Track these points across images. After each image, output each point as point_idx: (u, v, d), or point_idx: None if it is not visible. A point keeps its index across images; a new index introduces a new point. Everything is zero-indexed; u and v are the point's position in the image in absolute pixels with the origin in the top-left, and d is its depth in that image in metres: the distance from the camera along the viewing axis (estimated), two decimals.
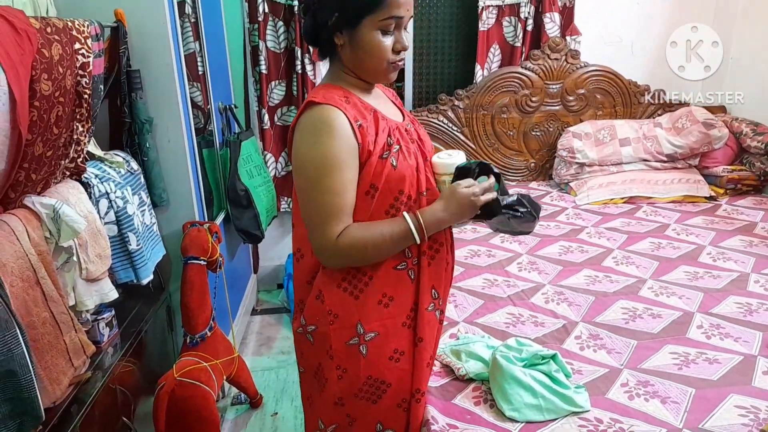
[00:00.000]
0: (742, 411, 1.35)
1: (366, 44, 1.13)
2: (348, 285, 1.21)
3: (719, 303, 1.89)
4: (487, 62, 3.34)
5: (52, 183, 1.57)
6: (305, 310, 1.27)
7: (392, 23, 1.12)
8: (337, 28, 1.13)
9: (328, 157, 1.10)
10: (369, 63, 1.16)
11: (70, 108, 1.53)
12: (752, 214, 2.76)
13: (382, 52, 1.13)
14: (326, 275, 1.22)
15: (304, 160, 1.13)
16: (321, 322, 1.24)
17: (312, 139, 1.11)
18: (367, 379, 1.24)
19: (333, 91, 1.16)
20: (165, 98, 2.02)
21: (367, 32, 1.12)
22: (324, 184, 1.11)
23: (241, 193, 2.72)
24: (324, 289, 1.22)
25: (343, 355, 1.23)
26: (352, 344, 1.22)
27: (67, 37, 1.48)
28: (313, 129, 1.11)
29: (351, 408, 1.28)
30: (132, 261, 1.83)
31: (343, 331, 1.22)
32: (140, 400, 1.89)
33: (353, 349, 1.22)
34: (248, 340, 3.04)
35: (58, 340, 1.43)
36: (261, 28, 3.03)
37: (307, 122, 1.13)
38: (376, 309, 1.21)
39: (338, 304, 1.21)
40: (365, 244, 1.13)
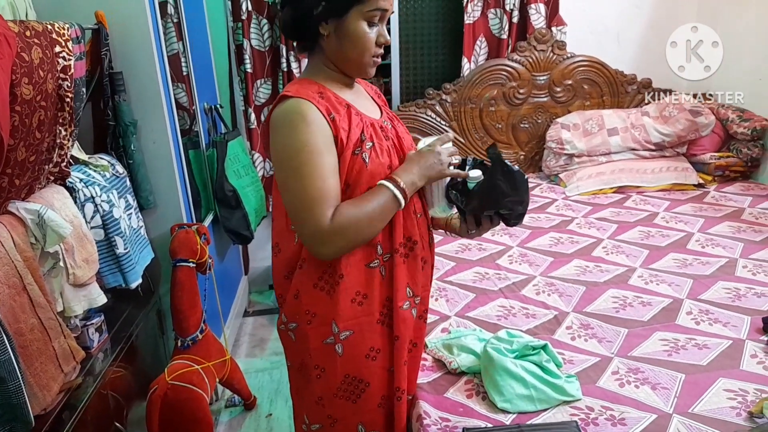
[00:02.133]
0: (730, 394, 1.36)
1: (352, 34, 1.13)
2: (324, 284, 1.19)
3: (708, 289, 1.90)
4: (474, 55, 3.34)
5: (37, 188, 1.56)
6: (285, 307, 1.25)
7: (378, 15, 1.12)
8: (323, 17, 1.12)
9: (306, 144, 1.09)
10: (353, 54, 1.15)
11: (52, 112, 1.51)
12: (740, 200, 2.78)
13: (367, 43, 1.14)
14: (303, 274, 1.20)
15: (283, 150, 1.11)
16: (300, 321, 1.23)
17: (287, 130, 1.10)
18: (345, 378, 1.22)
19: (307, 86, 1.15)
20: (149, 100, 2.00)
21: (353, 22, 1.12)
22: (306, 171, 1.09)
23: (229, 193, 2.71)
24: (301, 289, 1.21)
25: (320, 355, 1.22)
26: (328, 343, 1.20)
27: (47, 41, 1.46)
28: (287, 120, 1.10)
29: (331, 408, 1.26)
30: (120, 265, 1.82)
31: (319, 329, 1.20)
32: (133, 404, 1.88)
33: (329, 348, 1.21)
34: (241, 341, 3.03)
35: (47, 347, 1.42)
36: (245, 26, 3.01)
37: (280, 114, 1.12)
38: (350, 307, 1.19)
39: (314, 303, 1.20)
40: (359, 219, 1.10)
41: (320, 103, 1.12)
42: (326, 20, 1.13)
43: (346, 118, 1.15)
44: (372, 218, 1.13)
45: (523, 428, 1.27)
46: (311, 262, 1.19)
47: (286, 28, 1.20)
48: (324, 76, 1.20)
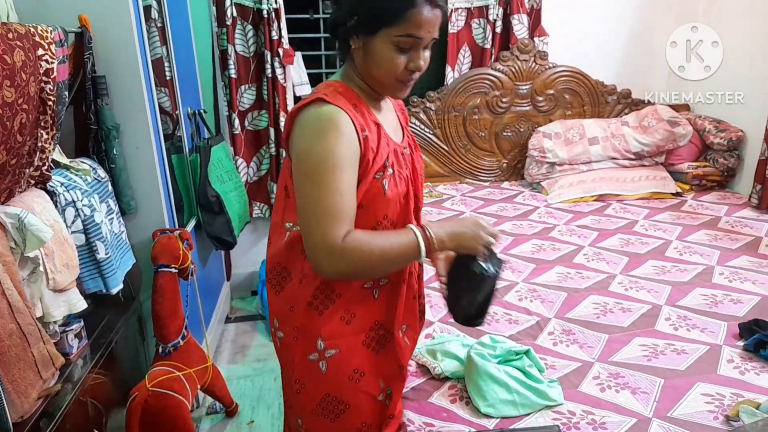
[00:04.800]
0: (708, 398, 1.39)
1: (377, 56, 1.08)
2: (319, 304, 1.16)
3: (686, 295, 1.94)
4: (458, 64, 3.37)
5: (17, 192, 1.54)
6: (279, 315, 1.23)
7: (409, 42, 1.07)
8: (354, 31, 1.09)
9: (333, 155, 1.04)
10: (377, 74, 1.11)
11: (33, 115, 1.50)
12: (716, 209, 2.84)
13: (392, 67, 1.09)
14: (301, 289, 1.16)
15: (307, 154, 1.06)
16: (287, 333, 1.21)
17: (318, 135, 1.05)
18: (326, 396, 1.19)
19: (344, 93, 1.11)
20: (132, 104, 1.99)
21: (380, 44, 1.07)
22: (326, 181, 1.03)
23: (212, 199, 2.70)
24: (296, 304, 1.17)
25: (303, 370, 1.19)
26: (312, 360, 1.17)
27: (29, 43, 1.45)
28: (321, 125, 1.05)
29: (309, 424, 1.23)
30: (101, 270, 1.79)
31: (304, 344, 1.18)
32: (112, 412, 1.85)
33: (313, 364, 1.17)
34: (223, 348, 3.00)
35: (25, 353, 1.40)
36: (230, 32, 3.01)
37: (312, 117, 1.07)
38: (337, 324, 1.16)
39: (304, 319, 1.17)
40: (372, 249, 1.04)
41: (355, 117, 1.08)
42: (356, 34, 1.09)
43: (376, 140, 1.12)
44: (385, 256, 1.07)
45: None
46: (309, 279, 1.15)
47: (328, 27, 1.17)
48: (357, 84, 1.16)
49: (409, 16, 1.04)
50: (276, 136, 3.21)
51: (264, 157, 3.32)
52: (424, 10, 1.05)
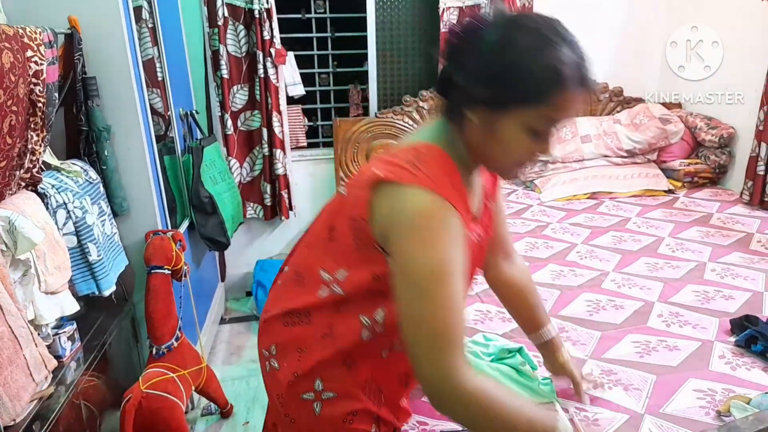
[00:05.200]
0: (699, 394, 1.40)
1: (501, 137, 0.90)
2: (329, 363, 1.05)
3: (678, 292, 1.95)
4: None
5: (7, 194, 1.53)
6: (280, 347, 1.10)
7: (545, 125, 0.90)
8: (476, 102, 0.89)
9: (446, 265, 0.88)
10: (494, 155, 0.95)
11: (23, 117, 1.49)
12: (708, 206, 2.86)
13: (518, 152, 0.92)
14: (321, 346, 1.04)
15: (413, 265, 0.89)
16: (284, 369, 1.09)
17: (426, 238, 0.88)
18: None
19: (443, 166, 0.93)
20: (123, 105, 1.98)
21: (509, 124, 0.89)
22: (439, 297, 0.88)
23: (205, 199, 2.69)
24: (307, 351, 1.05)
25: (294, 407, 1.09)
26: (307, 399, 1.06)
27: (18, 45, 1.44)
28: (429, 226, 0.88)
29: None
30: (93, 272, 1.79)
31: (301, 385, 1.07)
32: (106, 414, 1.85)
33: (307, 404, 1.07)
34: (217, 349, 3.00)
35: (17, 355, 1.39)
36: (221, 32, 3.00)
37: (419, 211, 0.89)
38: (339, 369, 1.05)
39: (308, 369, 1.06)
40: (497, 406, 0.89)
41: (458, 204, 0.91)
42: (477, 106, 0.90)
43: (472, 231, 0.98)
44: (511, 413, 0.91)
45: None
46: (335, 342, 1.04)
47: (439, 81, 0.97)
48: (458, 154, 0.96)
49: (553, 97, 0.86)
50: (269, 136, 3.20)
51: (257, 158, 3.32)
52: (574, 90, 0.87)
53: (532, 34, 0.88)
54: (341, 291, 1.01)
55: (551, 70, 0.85)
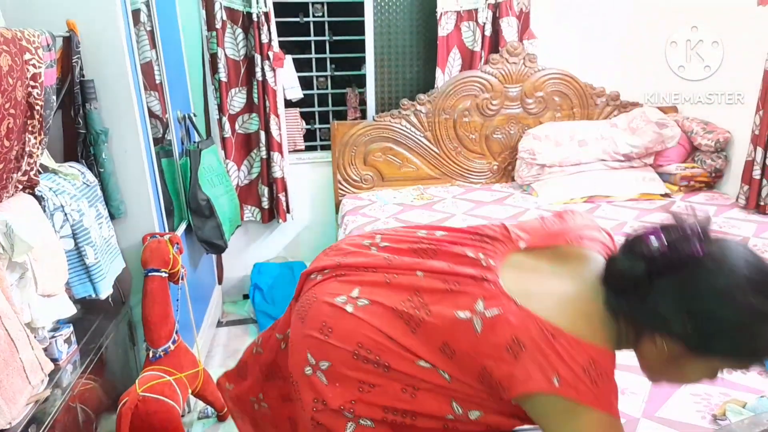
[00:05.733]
0: (696, 398, 1.40)
1: (683, 371, 0.89)
2: (387, 416, 1.01)
3: None
4: (448, 67, 3.39)
5: (4, 197, 1.53)
6: (335, 364, 1.03)
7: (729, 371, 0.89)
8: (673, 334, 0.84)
9: None
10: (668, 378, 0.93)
11: (21, 120, 1.49)
12: (705, 210, 2.86)
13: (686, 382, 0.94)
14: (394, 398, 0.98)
15: None
16: (335, 391, 1.02)
17: None
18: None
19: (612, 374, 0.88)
20: (121, 109, 1.98)
21: (699, 365, 0.87)
22: None
23: (202, 202, 2.69)
24: (377, 388, 1.00)
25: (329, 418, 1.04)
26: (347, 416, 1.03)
27: (16, 48, 1.44)
28: None
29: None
30: (90, 275, 1.79)
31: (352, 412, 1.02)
32: (102, 417, 1.85)
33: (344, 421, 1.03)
34: (214, 352, 2.99)
35: (13, 358, 1.39)
36: (219, 35, 3.01)
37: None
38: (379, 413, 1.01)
39: (365, 406, 1.01)
40: None
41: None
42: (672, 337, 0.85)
43: None
44: None
45: None
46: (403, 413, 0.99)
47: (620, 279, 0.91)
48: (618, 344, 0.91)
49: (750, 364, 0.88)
50: (267, 139, 3.21)
51: (255, 161, 3.32)
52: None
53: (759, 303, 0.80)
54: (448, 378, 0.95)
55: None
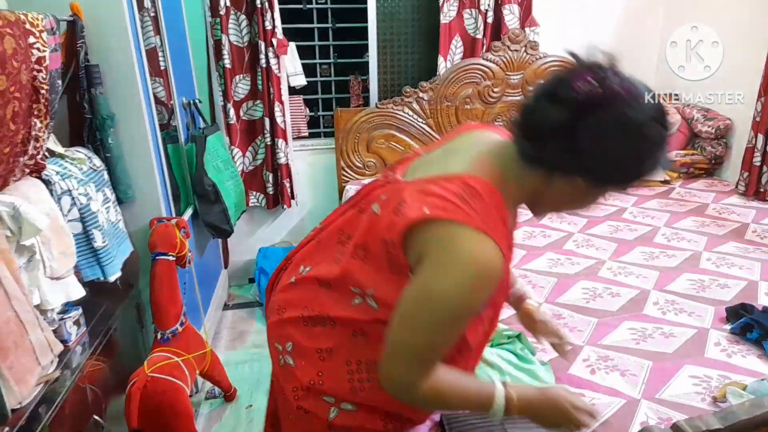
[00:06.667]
0: (695, 380, 1.43)
1: (581, 197, 0.99)
2: (353, 378, 1.07)
3: (674, 281, 1.97)
4: (450, 54, 3.38)
5: (12, 181, 1.54)
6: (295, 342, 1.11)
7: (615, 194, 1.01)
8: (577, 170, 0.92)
9: (467, 308, 0.93)
10: (564, 207, 1.05)
11: (26, 104, 1.50)
12: (704, 196, 2.88)
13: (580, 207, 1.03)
14: (353, 347, 1.06)
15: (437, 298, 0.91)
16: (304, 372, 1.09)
17: (464, 282, 0.90)
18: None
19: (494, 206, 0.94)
20: (127, 94, 1.99)
21: (596, 194, 0.98)
22: (444, 331, 0.94)
23: (208, 188, 2.71)
24: (335, 350, 1.07)
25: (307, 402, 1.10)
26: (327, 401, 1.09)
27: (20, 31, 1.45)
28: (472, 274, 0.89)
29: None
30: (98, 258, 1.81)
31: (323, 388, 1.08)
32: (112, 397, 1.87)
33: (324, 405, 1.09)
34: (221, 335, 3.03)
35: (23, 340, 1.41)
36: (223, 22, 3.01)
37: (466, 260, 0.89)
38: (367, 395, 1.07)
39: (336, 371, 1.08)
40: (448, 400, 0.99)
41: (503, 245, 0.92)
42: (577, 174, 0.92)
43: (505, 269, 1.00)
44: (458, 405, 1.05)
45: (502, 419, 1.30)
46: (364, 364, 1.06)
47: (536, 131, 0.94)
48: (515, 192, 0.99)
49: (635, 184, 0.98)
50: (271, 125, 3.21)
51: (259, 147, 3.33)
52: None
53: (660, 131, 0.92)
54: (376, 307, 1.02)
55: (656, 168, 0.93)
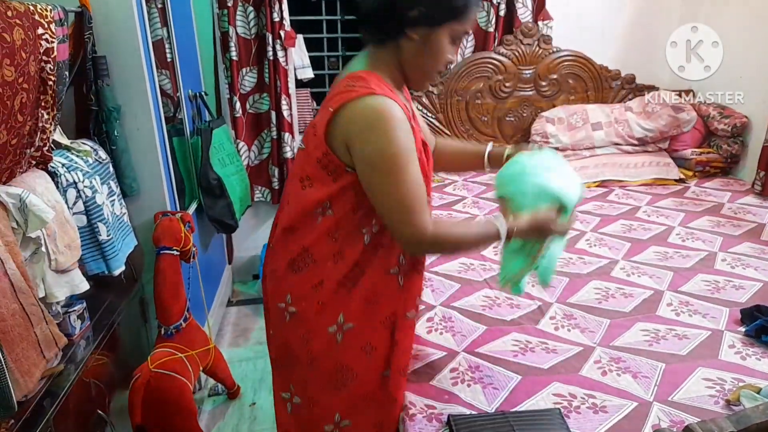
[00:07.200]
0: (709, 383, 1.39)
1: (438, 47, 1.14)
2: (349, 283, 1.23)
3: (688, 281, 1.93)
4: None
5: (18, 173, 1.53)
6: (293, 291, 1.26)
7: (461, 36, 1.17)
8: (416, 22, 1.12)
9: (404, 149, 1.10)
10: (429, 66, 1.18)
11: (34, 95, 1.49)
12: (719, 195, 2.83)
13: (446, 59, 1.17)
14: (335, 269, 1.22)
15: (379, 154, 1.10)
16: (307, 309, 1.24)
17: (384, 133, 1.09)
18: (336, 365, 1.26)
19: (382, 83, 1.14)
20: (133, 86, 1.97)
21: (443, 37, 1.14)
22: (404, 176, 1.10)
23: (213, 182, 2.69)
24: (325, 281, 1.23)
25: (318, 341, 1.25)
26: (330, 332, 1.24)
27: (29, 22, 1.43)
28: (383, 123, 1.08)
29: (313, 392, 1.31)
30: (102, 252, 1.79)
31: (325, 318, 1.24)
32: (115, 392, 1.87)
33: (331, 336, 1.24)
34: (224, 331, 3.02)
35: (28, 332, 1.40)
36: (231, 13, 2.98)
37: (374, 114, 1.09)
38: (361, 306, 1.24)
39: (332, 296, 1.23)
40: (458, 237, 1.19)
41: (401, 104, 1.12)
42: (417, 25, 1.12)
43: (415, 122, 1.18)
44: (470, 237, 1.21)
45: (507, 416, 1.28)
46: (345, 261, 1.22)
47: (367, 13, 1.17)
48: (388, 73, 1.19)
49: (471, 13, 1.15)
50: (278, 119, 3.19)
51: (265, 141, 3.31)
52: (477, 7, 1.18)
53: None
54: (332, 213, 1.20)
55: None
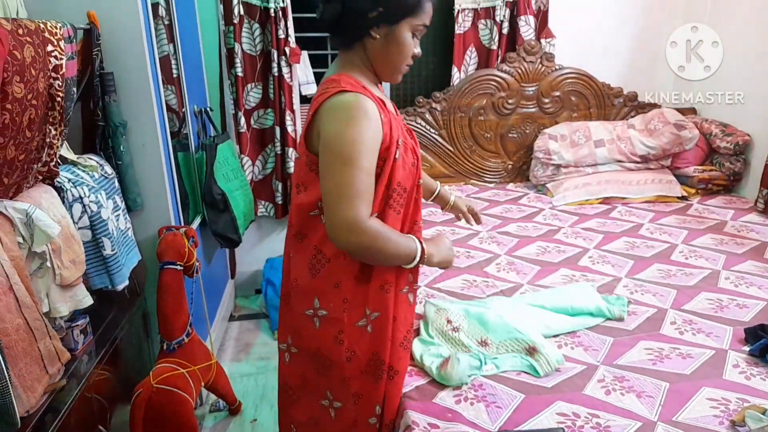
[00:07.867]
0: (713, 403, 1.39)
1: (400, 43, 1.23)
2: (364, 276, 1.30)
3: (691, 300, 1.93)
4: (464, 65, 3.37)
5: (25, 187, 1.54)
6: (319, 293, 1.33)
7: (422, 30, 1.26)
8: (376, 22, 1.21)
9: (364, 139, 1.16)
10: (396, 60, 1.26)
11: (42, 111, 1.50)
12: (722, 213, 2.83)
13: (409, 53, 1.26)
14: (349, 265, 1.29)
15: (338, 138, 1.16)
16: (335, 309, 1.32)
17: (348, 120, 1.16)
18: (370, 356, 1.35)
19: (354, 81, 1.22)
20: (139, 101, 1.99)
21: (403, 31, 1.23)
22: (356, 163, 1.15)
23: (217, 197, 2.70)
24: (343, 278, 1.30)
25: (352, 337, 1.33)
26: (361, 326, 1.33)
27: (39, 39, 1.45)
28: (348, 111, 1.17)
29: (357, 386, 1.37)
30: (107, 266, 1.80)
31: (353, 314, 1.32)
32: (117, 408, 1.86)
33: (362, 330, 1.33)
34: (226, 346, 3.01)
35: (32, 347, 1.40)
36: (236, 30, 3.01)
37: (341, 105, 1.18)
38: (378, 294, 1.32)
39: (353, 292, 1.31)
40: (386, 240, 1.21)
41: (375, 99, 1.20)
42: (378, 25, 1.21)
43: (388, 118, 1.24)
44: (391, 250, 1.24)
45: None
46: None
47: (330, 21, 1.25)
48: (360, 73, 1.28)
49: (426, 8, 1.24)
50: (282, 135, 3.21)
51: (269, 156, 3.33)
52: (432, 2, 1.26)
53: None
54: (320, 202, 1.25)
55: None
